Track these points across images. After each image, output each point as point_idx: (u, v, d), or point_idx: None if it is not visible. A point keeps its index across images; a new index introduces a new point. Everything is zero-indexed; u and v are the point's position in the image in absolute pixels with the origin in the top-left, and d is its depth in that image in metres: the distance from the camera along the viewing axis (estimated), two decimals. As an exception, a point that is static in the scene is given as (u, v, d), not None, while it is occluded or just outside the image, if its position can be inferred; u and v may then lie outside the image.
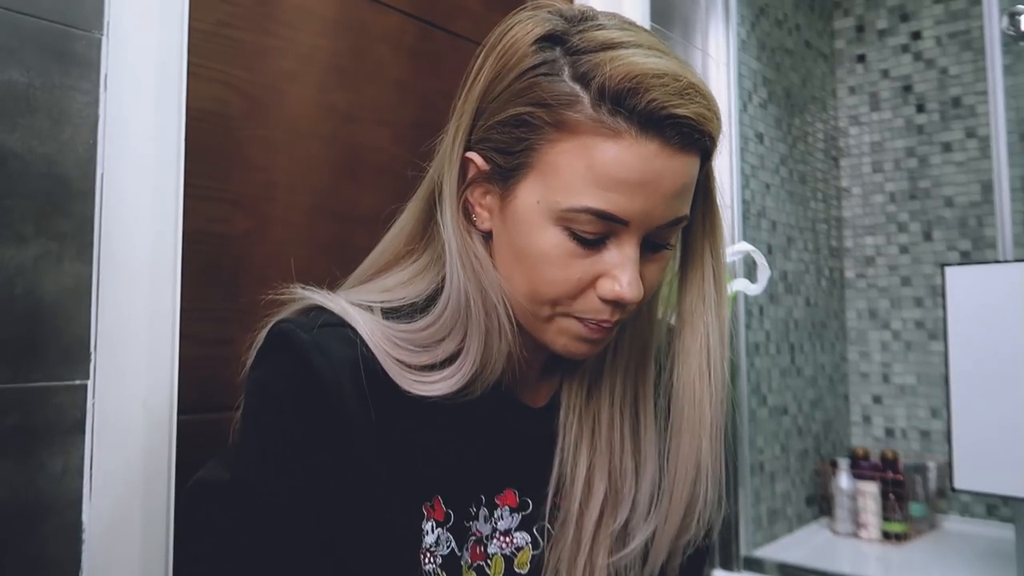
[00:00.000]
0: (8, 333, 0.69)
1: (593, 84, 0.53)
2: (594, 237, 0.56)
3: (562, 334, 0.60)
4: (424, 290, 0.62)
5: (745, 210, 1.83)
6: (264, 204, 0.96)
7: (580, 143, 0.54)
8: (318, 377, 0.55)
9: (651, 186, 0.54)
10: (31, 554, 0.69)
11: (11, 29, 0.70)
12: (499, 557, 0.62)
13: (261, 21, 0.98)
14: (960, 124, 2.12)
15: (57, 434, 0.71)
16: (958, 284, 1.38)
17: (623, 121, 0.53)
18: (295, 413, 0.56)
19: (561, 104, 0.54)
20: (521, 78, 0.56)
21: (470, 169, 0.60)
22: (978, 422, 1.34)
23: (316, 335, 0.56)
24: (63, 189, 0.73)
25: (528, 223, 0.56)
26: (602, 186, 0.53)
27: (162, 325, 0.79)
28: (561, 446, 0.64)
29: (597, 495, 0.63)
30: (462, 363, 0.58)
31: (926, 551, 1.80)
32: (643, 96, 0.52)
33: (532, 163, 0.56)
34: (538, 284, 0.58)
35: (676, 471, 0.63)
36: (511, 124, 0.56)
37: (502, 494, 0.63)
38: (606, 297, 0.57)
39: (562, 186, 0.54)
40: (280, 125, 0.99)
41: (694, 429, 0.62)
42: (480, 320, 0.58)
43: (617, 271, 0.56)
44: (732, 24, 1.80)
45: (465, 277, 0.59)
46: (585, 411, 0.65)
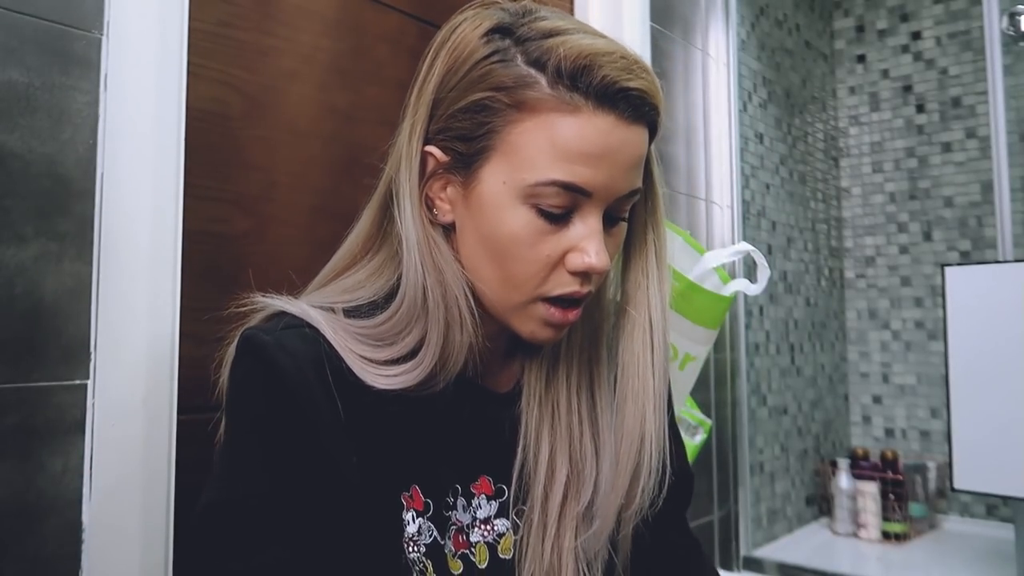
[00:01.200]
0: (8, 333, 0.69)
1: (549, 65, 0.57)
2: (560, 211, 0.58)
3: (531, 319, 0.61)
4: (382, 287, 0.64)
5: (745, 210, 1.83)
6: (264, 204, 0.96)
7: (541, 120, 0.56)
8: (283, 375, 0.56)
9: (610, 157, 0.57)
10: (31, 554, 0.69)
11: (11, 29, 0.70)
12: (482, 545, 0.63)
13: (261, 21, 0.98)
14: (960, 124, 2.12)
15: (57, 434, 0.71)
16: (958, 284, 1.38)
17: (580, 97, 0.56)
18: (267, 414, 0.57)
19: (519, 86, 0.57)
20: (476, 67, 0.59)
21: (429, 163, 0.62)
22: (978, 422, 1.34)
23: (279, 336, 0.58)
24: (63, 189, 0.73)
25: (495, 206, 0.58)
26: (566, 159, 0.56)
27: (162, 325, 0.79)
28: (524, 432, 0.65)
29: (560, 478, 0.64)
30: (423, 356, 0.60)
31: (926, 551, 1.80)
32: (596, 72, 0.56)
33: (495, 145, 0.58)
34: (510, 267, 0.59)
35: (621, 441, 0.64)
36: (471, 110, 0.59)
37: (477, 482, 0.64)
38: (576, 269, 0.59)
39: (527, 163, 0.57)
40: (280, 125, 0.99)
41: (638, 399, 0.64)
42: (440, 313, 0.60)
43: (584, 243, 0.58)
44: (732, 24, 1.80)
45: (423, 271, 0.60)
46: (545, 397, 0.66)
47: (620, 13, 1.48)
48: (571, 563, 0.63)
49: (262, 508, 0.55)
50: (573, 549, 0.63)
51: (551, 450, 0.65)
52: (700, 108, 1.72)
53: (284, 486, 0.55)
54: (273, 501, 0.55)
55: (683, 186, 1.63)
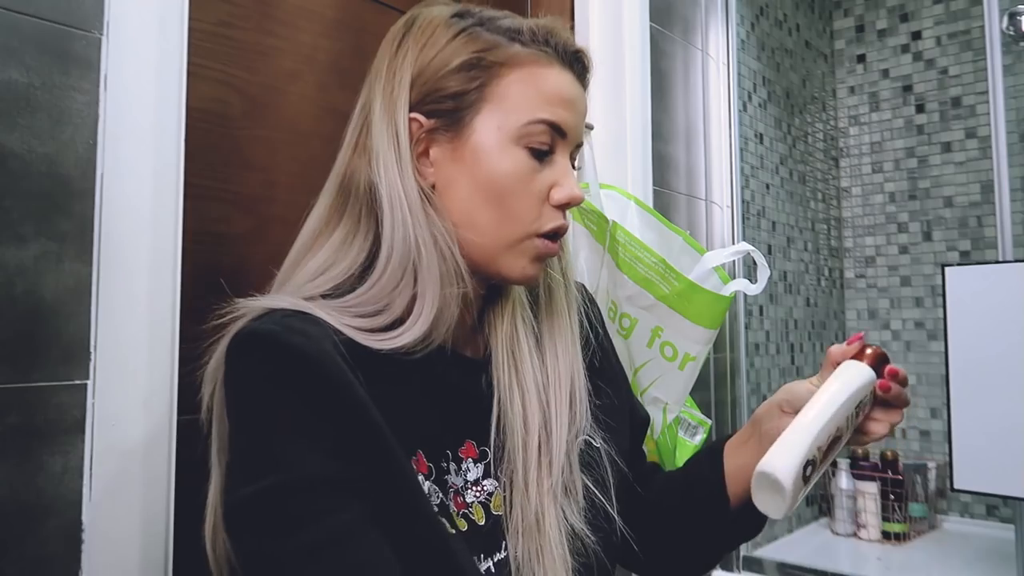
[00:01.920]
0: (8, 333, 0.69)
1: (524, 31, 0.68)
2: (546, 148, 0.67)
3: (523, 256, 0.68)
4: (355, 259, 0.66)
5: (745, 210, 1.83)
6: (264, 204, 0.96)
7: (526, 72, 0.67)
8: (302, 354, 0.57)
9: (575, 105, 0.69)
10: (31, 554, 0.69)
11: (11, 29, 0.70)
12: (477, 504, 0.67)
13: (261, 21, 0.98)
14: (960, 124, 2.12)
15: (57, 434, 0.71)
16: (958, 284, 1.38)
17: (553, 53, 0.68)
18: (288, 396, 0.57)
19: (500, 46, 0.67)
20: (456, 38, 0.67)
21: (413, 128, 0.68)
22: (978, 422, 1.34)
23: (283, 323, 0.59)
24: (63, 189, 0.73)
25: (491, 150, 0.66)
26: (550, 103, 0.67)
27: (162, 325, 0.79)
28: (497, 389, 0.70)
29: (533, 427, 0.69)
30: (420, 308, 0.64)
31: (926, 551, 1.80)
32: (558, 37, 0.69)
33: (485, 97, 0.67)
34: (510, 204, 0.67)
35: (559, 373, 0.73)
36: (460, 70, 0.67)
37: (463, 447, 0.68)
38: (560, 201, 0.68)
39: (518, 106, 0.66)
40: (280, 125, 0.99)
41: (565, 336, 0.75)
42: (433, 265, 0.64)
43: (563, 179, 0.69)
44: (732, 24, 1.80)
45: (415, 225, 0.64)
46: (511, 356, 0.72)
47: (620, 13, 1.48)
48: (551, 508, 0.67)
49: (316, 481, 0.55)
50: (553, 489, 0.68)
51: (523, 403, 0.70)
52: (700, 108, 1.72)
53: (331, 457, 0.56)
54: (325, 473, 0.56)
55: (683, 186, 1.63)
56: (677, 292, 1.30)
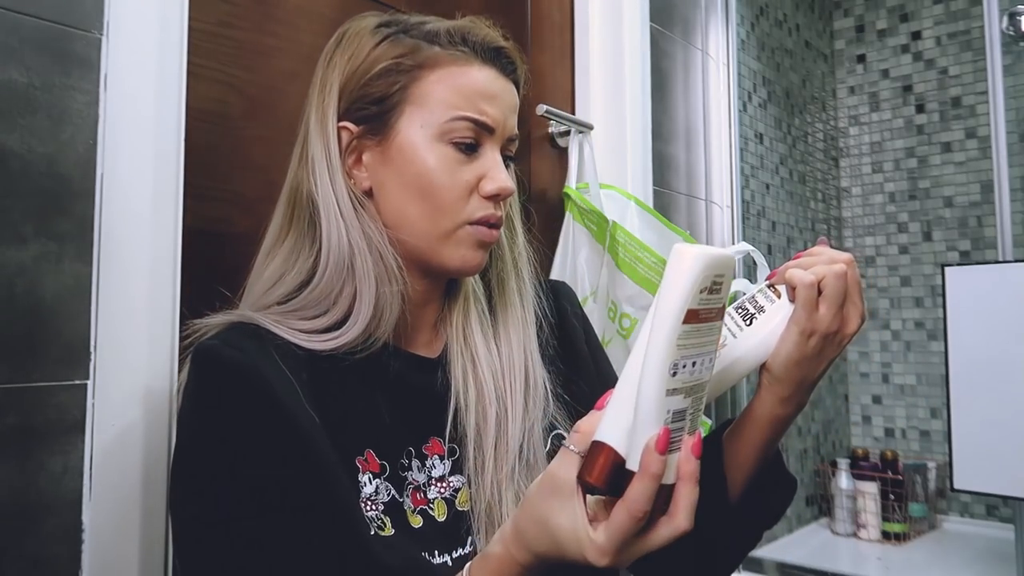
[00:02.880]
0: (8, 333, 0.69)
1: (440, 34, 0.70)
2: (471, 142, 0.69)
3: (461, 245, 0.70)
4: (304, 265, 0.69)
5: (745, 210, 1.83)
6: (264, 204, 0.96)
7: (443, 73, 0.69)
8: (235, 368, 0.60)
9: (499, 99, 0.70)
10: (31, 554, 0.69)
11: (11, 29, 0.70)
12: (440, 500, 0.68)
13: (261, 21, 0.98)
14: (960, 124, 2.12)
15: (57, 434, 0.71)
16: (958, 284, 1.38)
17: (470, 51, 0.70)
18: (228, 409, 0.60)
19: (419, 50, 0.69)
20: (376, 48, 0.70)
21: (343, 136, 0.70)
22: (978, 422, 1.34)
23: (224, 336, 0.63)
24: (63, 189, 0.73)
25: (415, 147, 0.69)
26: (469, 99, 0.69)
27: (162, 325, 0.79)
28: (454, 387, 0.71)
29: (490, 418, 0.70)
30: (358, 310, 0.66)
31: (926, 551, 1.80)
32: (477, 35, 0.70)
33: (407, 99, 0.69)
34: (436, 196, 0.68)
35: (512, 363, 0.73)
36: (382, 76, 0.69)
37: (428, 444, 0.69)
38: (489, 193, 0.69)
39: (438, 105, 0.69)
40: (280, 125, 0.99)
41: (517, 324, 0.76)
42: (368, 265, 0.67)
43: (492, 171, 0.70)
44: (732, 24, 1.80)
45: (347, 229, 0.67)
46: (465, 346, 0.73)
47: (620, 13, 1.48)
48: (509, 493, 0.68)
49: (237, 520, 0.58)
50: (510, 475, 0.68)
51: (478, 393, 0.71)
52: (700, 108, 1.72)
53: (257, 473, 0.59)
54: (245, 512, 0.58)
55: (683, 186, 1.63)
56: (677, 292, 1.29)
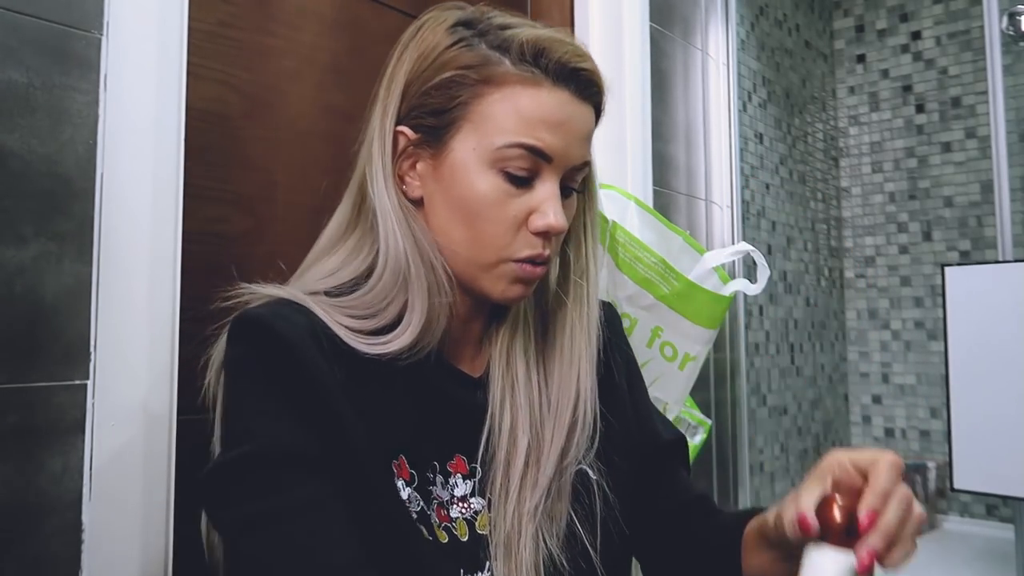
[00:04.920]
0: (8, 333, 0.68)
1: (512, 48, 0.65)
2: (525, 175, 0.65)
3: (501, 279, 0.67)
4: (361, 265, 0.68)
5: (745, 210, 1.83)
6: (264, 204, 0.96)
7: (507, 92, 0.65)
8: (283, 338, 0.60)
9: (566, 127, 0.66)
10: (31, 554, 0.69)
11: (11, 29, 0.70)
12: (462, 521, 0.67)
13: (261, 21, 0.98)
14: (960, 124, 2.12)
15: (57, 434, 0.71)
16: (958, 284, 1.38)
17: (540, 73, 0.65)
18: (267, 375, 0.60)
19: (487, 64, 0.65)
20: (445, 52, 0.66)
21: (400, 141, 0.68)
22: (978, 422, 1.34)
23: (273, 309, 0.62)
24: (63, 189, 0.73)
25: (466, 170, 0.65)
26: (529, 125, 0.64)
27: (162, 325, 0.79)
28: (490, 405, 0.69)
29: (521, 446, 0.68)
30: (409, 319, 0.65)
31: (926, 551, 1.79)
32: (553, 54, 0.65)
33: (465, 115, 0.65)
34: (480, 228, 0.66)
35: (560, 396, 0.71)
36: (443, 87, 0.66)
37: (453, 461, 0.68)
38: (538, 229, 0.66)
39: (496, 129, 0.65)
40: (280, 125, 0.99)
41: (574, 358, 0.72)
42: (421, 276, 0.65)
43: (544, 205, 0.66)
44: (732, 24, 1.80)
45: (402, 238, 0.66)
46: (506, 370, 0.71)
47: (620, 13, 1.48)
48: (529, 528, 0.66)
49: (287, 455, 0.58)
50: (533, 512, 0.67)
51: (512, 419, 0.69)
52: (700, 108, 1.72)
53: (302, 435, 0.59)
54: (286, 451, 0.58)
55: (683, 186, 1.63)
56: (677, 292, 1.30)
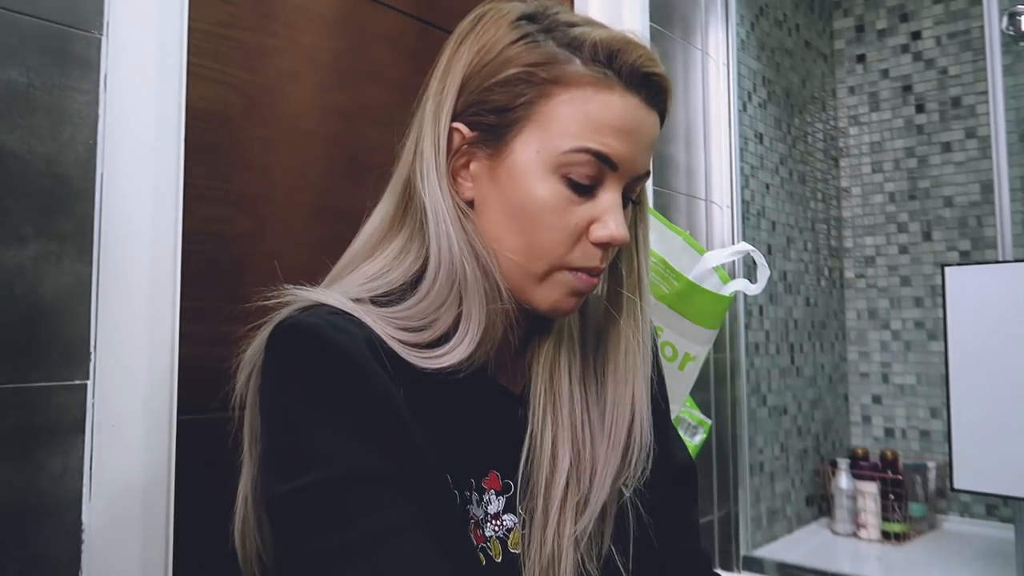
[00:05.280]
0: (8, 333, 0.68)
1: (584, 47, 0.61)
2: (588, 182, 0.61)
3: (554, 289, 0.63)
4: (408, 269, 0.64)
5: (745, 210, 1.83)
6: (264, 204, 0.96)
7: (577, 94, 0.61)
8: (344, 352, 0.55)
9: (635, 134, 0.62)
10: (31, 554, 0.69)
11: (11, 29, 0.70)
12: (495, 540, 0.64)
13: (261, 21, 0.98)
14: (960, 124, 2.12)
15: (57, 434, 0.71)
16: (958, 284, 1.38)
17: (614, 76, 0.61)
18: (330, 392, 0.55)
19: (556, 62, 0.61)
20: (510, 47, 0.62)
21: (455, 138, 0.64)
22: (978, 422, 1.34)
23: (328, 319, 0.57)
24: (63, 189, 0.73)
25: (526, 174, 0.61)
26: (599, 131, 0.60)
27: (162, 325, 0.79)
28: (531, 422, 0.66)
29: (562, 466, 0.65)
30: (467, 327, 0.61)
31: (926, 551, 1.80)
32: (628, 56, 0.61)
33: (530, 116, 0.61)
34: (537, 235, 0.62)
35: (616, 417, 0.67)
36: (507, 84, 0.62)
37: (487, 477, 0.65)
38: (600, 240, 0.62)
39: (562, 132, 0.60)
40: (280, 125, 0.99)
41: (628, 378, 0.68)
42: (477, 282, 0.62)
43: (607, 216, 0.62)
44: (732, 24, 1.80)
45: (457, 240, 0.62)
46: (549, 386, 0.67)
47: (620, 13, 1.48)
48: (571, 552, 0.63)
49: (369, 477, 0.54)
50: (573, 536, 0.63)
51: (554, 438, 0.65)
52: (700, 108, 1.72)
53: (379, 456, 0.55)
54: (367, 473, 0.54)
55: (683, 186, 1.63)
56: (677, 292, 1.30)
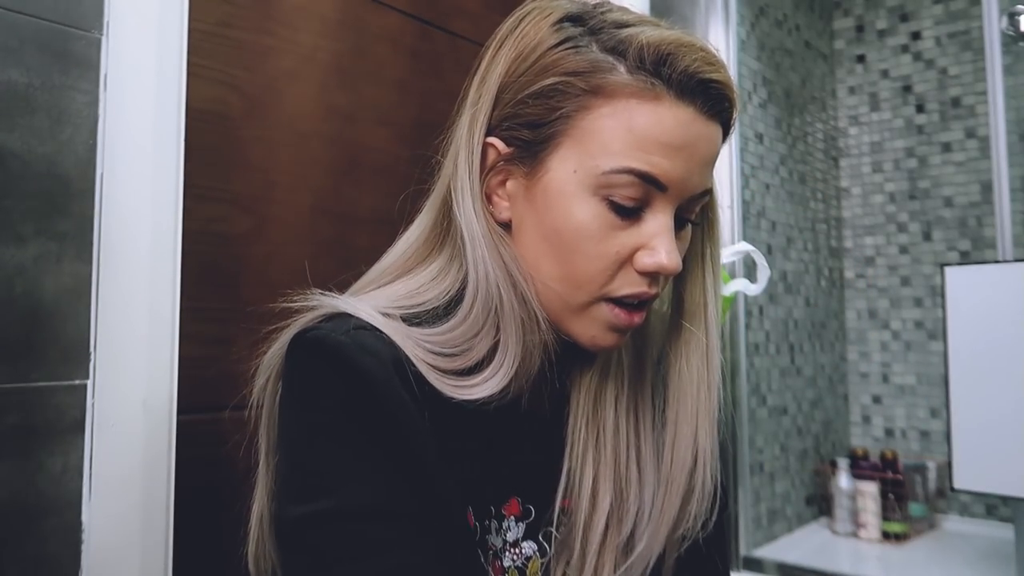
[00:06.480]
0: (8, 333, 0.68)
1: (629, 52, 0.54)
2: (633, 204, 0.55)
3: (594, 323, 0.58)
4: (444, 292, 0.59)
5: (745, 210, 1.83)
6: (264, 204, 0.96)
7: (620, 106, 0.54)
8: (368, 376, 0.52)
9: (688, 151, 0.55)
10: (31, 554, 0.69)
11: (11, 29, 0.70)
12: (513, 570, 0.60)
13: (261, 21, 0.98)
14: (960, 124, 2.12)
15: (57, 434, 0.71)
16: (958, 284, 1.38)
17: (662, 85, 0.54)
18: (351, 418, 0.52)
19: (597, 71, 0.54)
20: (548, 53, 0.56)
21: (490, 155, 0.59)
22: (978, 422, 1.34)
23: (354, 336, 0.53)
24: (63, 189, 0.73)
25: (563, 195, 0.55)
26: (643, 148, 0.54)
27: (162, 325, 0.79)
28: (570, 455, 0.61)
29: (603, 507, 0.60)
30: (502, 358, 0.56)
31: (926, 551, 1.80)
32: (680, 61, 0.54)
33: (567, 131, 0.55)
34: (576, 263, 0.56)
35: (673, 461, 0.61)
36: (543, 95, 0.56)
37: (507, 503, 0.61)
38: (646, 269, 0.56)
39: (602, 149, 0.54)
40: (280, 125, 0.99)
41: (691, 419, 0.61)
42: (515, 312, 0.56)
43: (655, 241, 0.55)
44: (732, 24, 1.80)
45: (493, 267, 0.57)
46: (592, 418, 0.62)
47: (620, 13, 1.48)
48: None
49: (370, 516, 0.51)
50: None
51: (595, 476, 0.61)
52: (700, 108, 1.72)
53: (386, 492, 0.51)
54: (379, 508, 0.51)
55: (683, 186, 1.63)
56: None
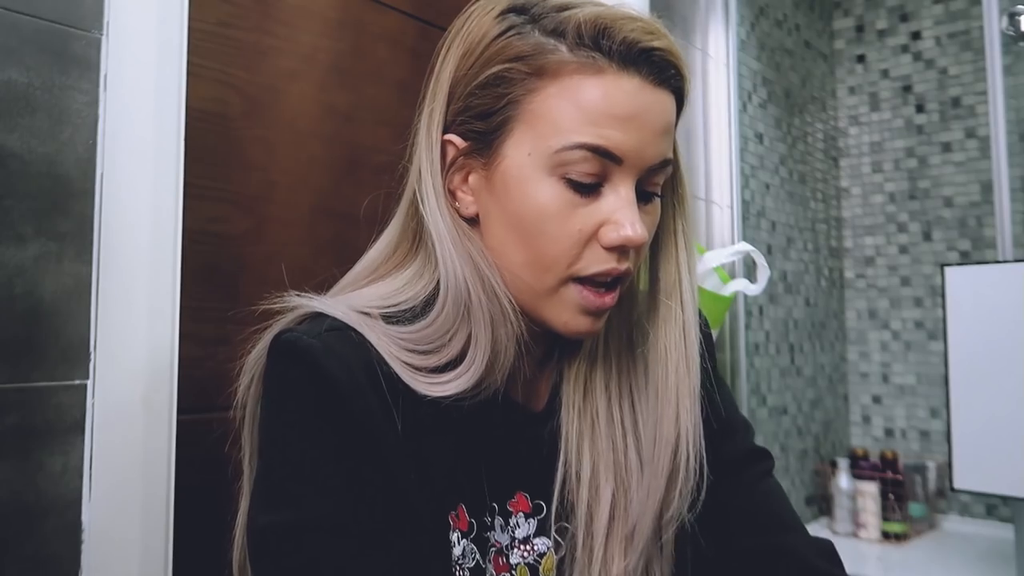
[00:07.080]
0: (8, 333, 0.68)
1: (568, 31, 0.55)
2: (591, 180, 0.55)
3: (565, 307, 0.58)
4: (421, 292, 0.60)
5: (745, 210, 1.83)
6: (264, 204, 0.96)
7: (565, 84, 0.55)
8: (333, 382, 0.52)
9: (639, 120, 0.55)
10: (31, 554, 0.69)
11: (11, 29, 0.70)
12: (523, 567, 0.59)
13: (261, 21, 0.98)
14: (960, 124, 2.12)
15: (57, 434, 0.71)
16: (958, 284, 1.38)
17: (603, 58, 0.55)
18: (318, 425, 0.53)
19: (539, 52, 0.55)
20: (492, 44, 0.57)
21: (449, 152, 0.60)
22: (978, 422, 1.34)
23: (325, 339, 0.54)
24: (63, 189, 0.73)
25: (521, 179, 0.56)
26: (594, 123, 0.54)
27: (162, 325, 0.79)
28: (564, 447, 0.61)
29: (605, 497, 0.60)
30: (473, 355, 0.56)
31: (925, 551, 1.80)
32: (618, 33, 0.55)
33: (517, 116, 0.56)
34: (539, 246, 0.56)
35: (657, 440, 0.61)
36: (490, 85, 0.57)
37: (514, 499, 0.61)
38: (612, 244, 0.56)
39: (553, 129, 0.55)
40: (280, 125, 0.99)
41: (671, 398, 0.61)
42: (483, 306, 0.57)
43: (618, 215, 0.55)
44: (732, 24, 1.80)
45: (460, 263, 0.57)
46: (583, 408, 0.63)
47: (620, 13, 1.48)
48: None
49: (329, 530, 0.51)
50: (622, 573, 0.59)
51: (593, 466, 0.61)
52: (700, 108, 1.72)
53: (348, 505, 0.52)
54: (338, 521, 0.51)
55: (683, 186, 1.63)
56: (677, 292, 1.29)
